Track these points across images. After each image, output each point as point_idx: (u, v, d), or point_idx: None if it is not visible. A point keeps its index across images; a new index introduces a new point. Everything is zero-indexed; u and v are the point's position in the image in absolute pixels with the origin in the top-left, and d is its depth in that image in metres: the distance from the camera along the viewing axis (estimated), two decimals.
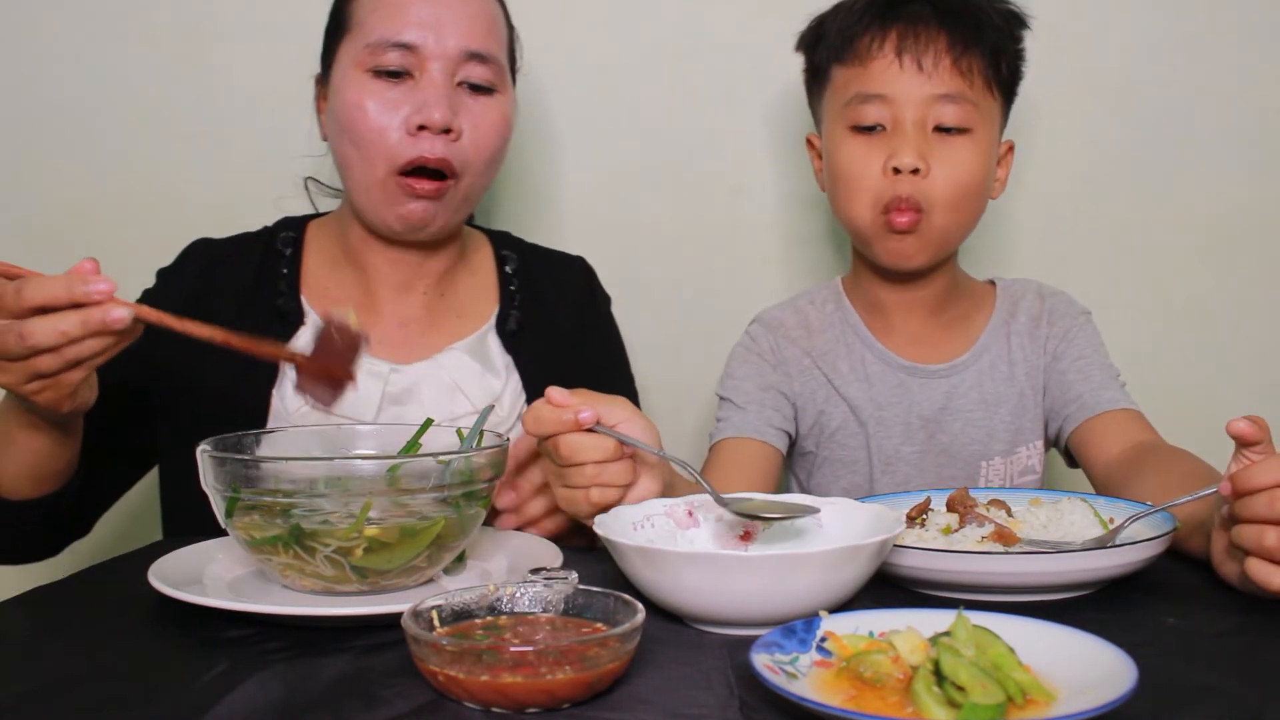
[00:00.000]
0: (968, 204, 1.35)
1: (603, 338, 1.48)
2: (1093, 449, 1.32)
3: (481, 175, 1.31)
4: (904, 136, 1.32)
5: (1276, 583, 0.88)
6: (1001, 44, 1.35)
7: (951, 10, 1.33)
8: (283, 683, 0.77)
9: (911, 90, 1.32)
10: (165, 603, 0.90)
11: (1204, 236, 1.69)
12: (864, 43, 1.34)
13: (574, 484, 1.01)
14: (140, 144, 1.66)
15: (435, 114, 1.24)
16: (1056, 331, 1.41)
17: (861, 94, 1.34)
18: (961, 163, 1.33)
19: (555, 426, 1.00)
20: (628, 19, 1.66)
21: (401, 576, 0.93)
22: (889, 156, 1.32)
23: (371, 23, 1.28)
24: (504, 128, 1.32)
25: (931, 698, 0.66)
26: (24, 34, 1.65)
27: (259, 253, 1.38)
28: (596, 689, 0.73)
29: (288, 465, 0.94)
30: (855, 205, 1.35)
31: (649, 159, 1.68)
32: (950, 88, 1.32)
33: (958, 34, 1.32)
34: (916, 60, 1.32)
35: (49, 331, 0.91)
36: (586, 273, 1.50)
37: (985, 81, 1.34)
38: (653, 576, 0.85)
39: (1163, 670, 0.76)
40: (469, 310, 1.39)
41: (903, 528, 0.94)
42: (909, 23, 1.33)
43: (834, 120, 1.38)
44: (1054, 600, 0.94)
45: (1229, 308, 1.70)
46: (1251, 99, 1.67)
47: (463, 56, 1.27)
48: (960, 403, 1.39)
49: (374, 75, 1.26)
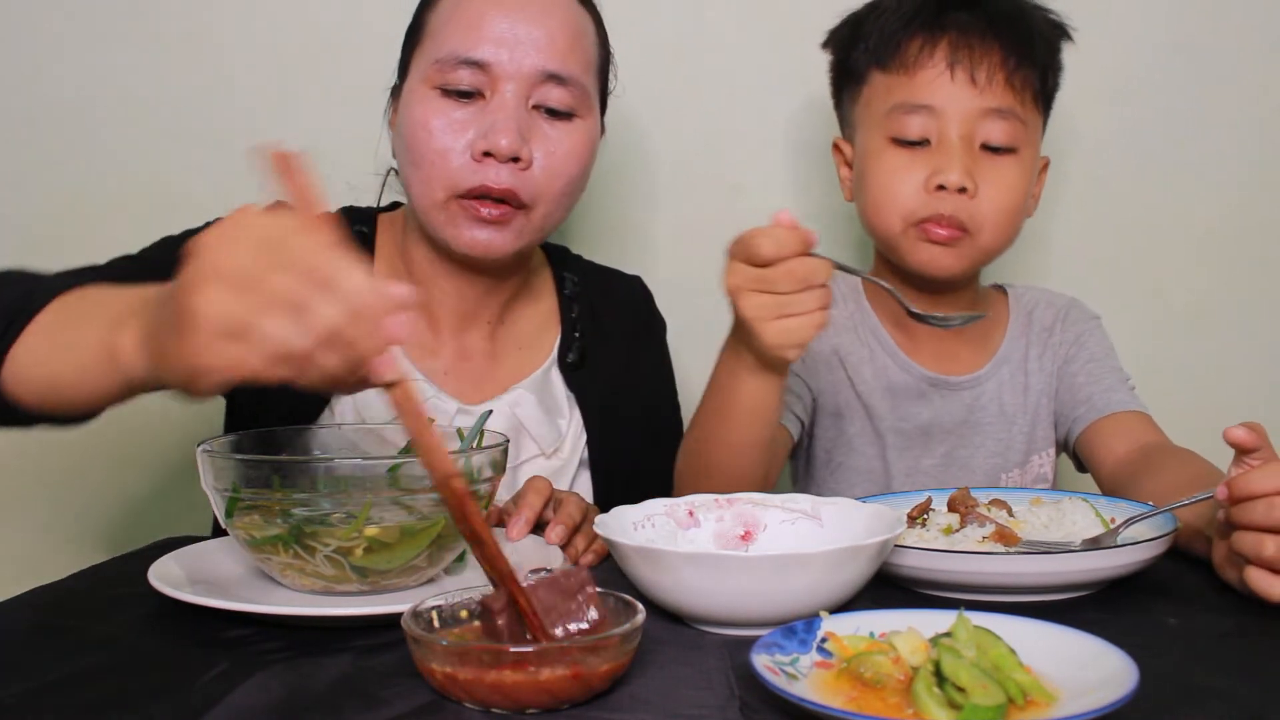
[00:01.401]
0: (1012, 226, 1.30)
1: (656, 365, 1.46)
2: (1099, 450, 1.30)
3: (558, 206, 1.24)
4: (950, 153, 1.25)
5: (1277, 593, 0.88)
6: (1050, 57, 1.31)
7: (1005, 21, 1.27)
8: (282, 683, 0.77)
9: (961, 103, 1.25)
10: (165, 603, 0.90)
11: (1204, 237, 1.69)
12: (912, 49, 1.27)
13: (802, 309, 1.00)
14: (140, 144, 1.66)
15: (502, 140, 1.16)
16: (1069, 337, 1.39)
17: (906, 104, 1.27)
18: (1008, 184, 1.27)
19: (794, 247, 1.00)
20: (627, 19, 1.66)
21: (402, 576, 0.93)
22: (933, 173, 1.25)
23: (444, 35, 1.21)
24: (582, 156, 1.24)
25: (932, 699, 0.66)
26: (24, 34, 1.65)
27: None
28: (596, 689, 0.73)
29: (288, 465, 0.94)
30: (888, 217, 1.29)
31: (649, 159, 1.68)
32: (1002, 102, 1.26)
33: (1012, 47, 1.26)
34: (970, 73, 1.25)
35: (337, 319, 0.69)
36: (644, 294, 1.48)
37: (1034, 97, 1.29)
38: (653, 576, 0.85)
39: (1164, 671, 0.76)
40: (530, 341, 1.35)
41: (903, 528, 0.94)
42: (961, 32, 1.26)
43: (870, 128, 1.31)
44: (1055, 601, 0.94)
45: (1229, 309, 1.69)
46: (1252, 99, 1.67)
47: (539, 77, 1.19)
48: (980, 415, 1.36)
49: (442, 94, 1.19)
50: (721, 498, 1.02)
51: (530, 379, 1.32)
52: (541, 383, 1.33)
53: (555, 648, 0.72)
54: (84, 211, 1.66)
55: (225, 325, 0.69)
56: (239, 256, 0.70)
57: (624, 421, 1.37)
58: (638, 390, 1.40)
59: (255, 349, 0.70)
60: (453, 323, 1.31)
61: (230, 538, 0.96)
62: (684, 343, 1.65)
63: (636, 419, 1.39)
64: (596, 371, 1.36)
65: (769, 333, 1.01)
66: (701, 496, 1.02)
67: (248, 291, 0.69)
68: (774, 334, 1.01)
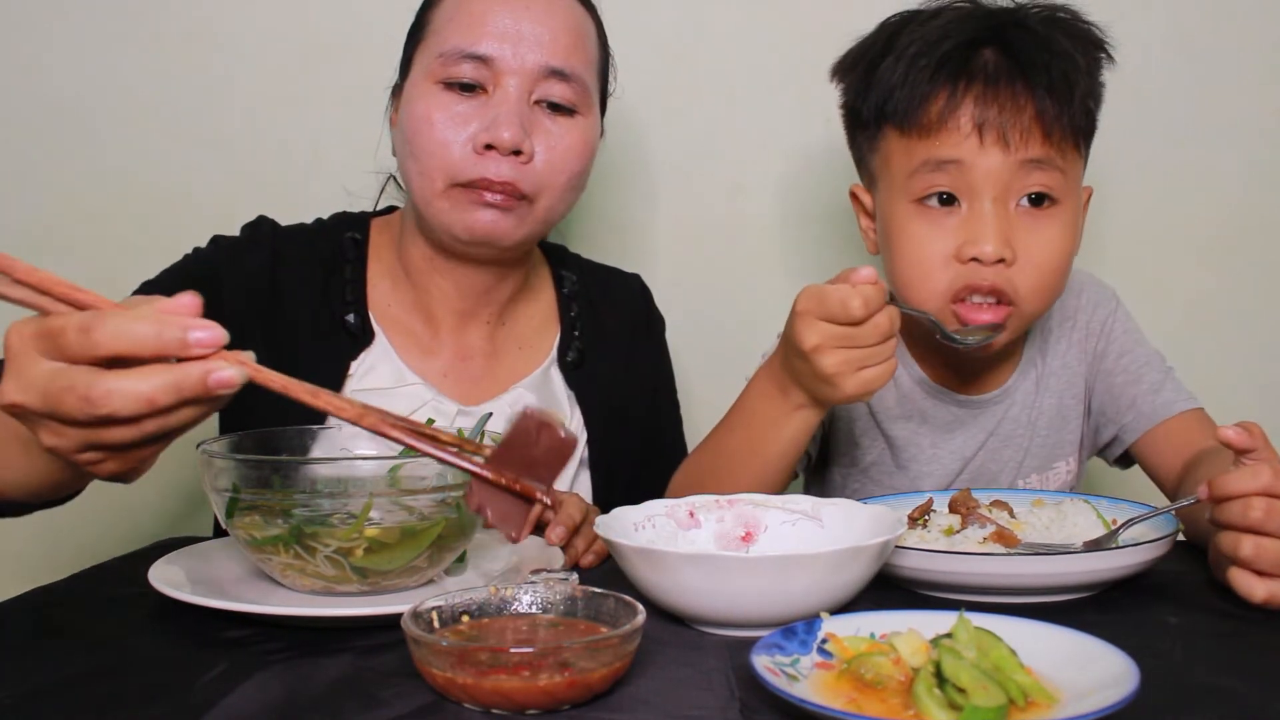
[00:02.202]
0: (1058, 283, 1.19)
1: (655, 364, 1.46)
2: (1160, 467, 1.24)
3: (560, 199, 1.23)
4: (983, 219, 1.13)
5: (1258, 594, 0.89)
6: (1090, 89, 1.17)
7: (1041, 60, 1.13)
8: (282, 683, 0.77)
9: (993, 165, 1.13)
10: (165, 603, 0.90)
11: (1204, 238, 1.69)
12: (933, 109, 1.13)
13: (882, 359, 1.02)
14: (140, 145, 1.66)
15: (505, 133, 1.16)
16: (1094, 327, 1.31)
17: (932, 162, 1.14)
18: (1051, 242, 1.15)
19: (880, 302, 1.00)
20: (628, 19, 1.66)
21: (402, 577, 0.93)
22: (966, 241, 1.13)
23: (448, 31, 1.21)
24: (583, 151, 1.23)
25: (933, 700, 0.66)
26: (24, 34, 1.65)
27: (326, 250, 1.31)
28: (597, 690, 0.72)
29: (289, 465, 0.94)
30: (923, 291, 1.17)
31: (649, 159, 1.68)
32: (1040, 154, 1.13)
33: (1048, 97, 1.12)
34: (1001, 134, 1.12)
35: (129, 398, 0.67)
36: (643, 292, 1.48)
37: (1074, 143, 1.16)
38: (653, 577, 0.85)
39: (1164, 671, 0.76)
40: (530, 341, 1.35)
41: (904, 529, 0.94)
42: (989, 83, 1.12)
43: (893, 191, 1.19)
44: (1056, 602, 0.94)
45: (1230, 309, 1.69)
46: (1252, 99, 1.67)
47: (542, 73, 1.20)
48: (1009, 427, 1.30)
49: (445, 87, 1.19)
50: (722, 499, 1.02)
51: (530, 378, 1.32)
52: (541, 382, 1.33)
53: (556, 649, 0.72)
54: (84, 211, 1.66)
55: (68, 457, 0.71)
56: (18, 360, 0.69)
57: (624, 420, 1.37)
58: (637, 388, 1.40)
59: (63, 435, 0.70)
60: (452, 322, 1.31)
61: (230, 538, 0.96)
62: (684, 342, 1.65)
63: (637, 418, 1.39)
64: (596, 370, 1.36)
65: (850, 385, 1.02)
66: (702, 497, 1.02)
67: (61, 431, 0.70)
68: (855, 386, 1.02)
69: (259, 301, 1.24)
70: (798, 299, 1.03)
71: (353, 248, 1.32)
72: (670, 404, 1.48)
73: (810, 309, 1.01)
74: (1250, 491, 0.89)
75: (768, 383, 1.12)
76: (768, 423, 1.12)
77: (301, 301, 1.26)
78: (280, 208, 1.46)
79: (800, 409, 1.09)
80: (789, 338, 1.05)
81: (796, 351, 1.03)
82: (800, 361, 1.04)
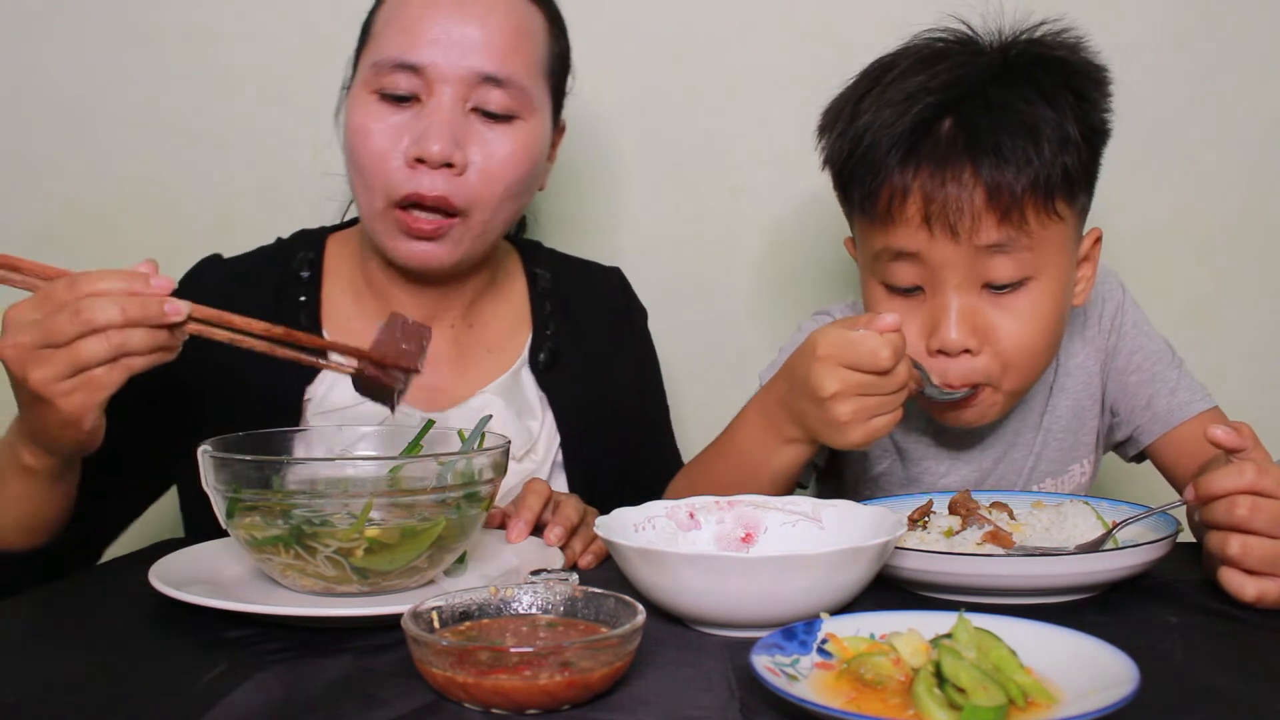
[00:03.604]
0: (1045, 354, 1.15)
1: (637, 356, 1.42)
2: (1176, 470, 1.23)
3: (496, 211, 1.20)
4: (945, 309, 1.09)
5: (1248, 593, 0.89)
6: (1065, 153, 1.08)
7: (988, 138, 1.06)
8: (282, 683, 0.77)
9: (947, 255, 1.08)
10: (165, 603, 0.90)
11: (1204, 238, 1.69)
12: (884, 199, 1.09)
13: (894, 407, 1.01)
14: (140, 145, 1.66)
15: (434, 146, 1.14)
16: (1105, 323, 1.27)
17: (890, 250, 1.11)
18: (1026, 322, 1.10)
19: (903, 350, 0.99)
20: (628, 19, 1.66)
21: (402, 577, 0.92)
22: (930, 332, 1.11)
23: (383, 38, 1.19)
24: (522, 159, 1.20)
25: (933, 700, 0.66)
26: (24, 34, 1.65)
27: (276, 275, 1.29)
28: (596, 691, 0.72)
29: (289, 465, 0.94)
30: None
31: (649, 159, 1.68)
32: (998, 239, 1.07)
33: (999, 176, 1.06)
34: (948, 225, 1.06)
35: (106, 306, 0.88)
36: (622, 286, 1.45)
37: (1045, 211, 1.08)
38: (654, 578, 0.85)
39: (1164, 671, 0.76)
40: (500, 343, 1.33)
41: (904, 530, 0.94)
42: (935, 165, 1.07)
43: (865, 269, 1.18)
44: (1056, 603, 0.94)
45: (1229, 309, 1.69)
46: (1251, 99, 1.67)
47: (475, 79, 1.17)
48: (1021, 437, 1.27)
49: (380, 98, 1.18)
50: (722, 500, 1.02)
51: (498, 382, 1.29)
52: (510, 385, 1.30)
53: (556, 649, 0.72)
54: (84, 211, 1.66)
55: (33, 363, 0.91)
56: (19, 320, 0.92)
57: (604, 418, 1.33)
58: (619, 384, 1.37)
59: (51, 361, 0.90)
60: None
61: (230, 538, 0.96)
62: (682, 342, 1.66)
63: (619, 414, 1.36)
64: (570, 370, 1.33)
65: (858, 434, 1.01)
66: (702, 499, 1.02)
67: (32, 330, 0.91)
68: (863, 435, 1.02)
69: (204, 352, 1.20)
70: (818, 342, 1.00)
71: (305, 265, 1.30)
72: (656, 396, 1.45)
73: (834, 355, 0.99)
74: (1235, 490, 0.89)
75: (761, 416, 1.11)
76: (760, 453, 1.11)
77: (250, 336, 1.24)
78: (280, 207, 1.47)
79: (794, 444, 1.09)
80: (803, 381, 1.01)
81: (810, 396, 1.01)
82: (811, 405, 1.02)
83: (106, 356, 0.90)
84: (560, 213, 1.67)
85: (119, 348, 0.90)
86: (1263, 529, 0.88)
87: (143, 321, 0.90)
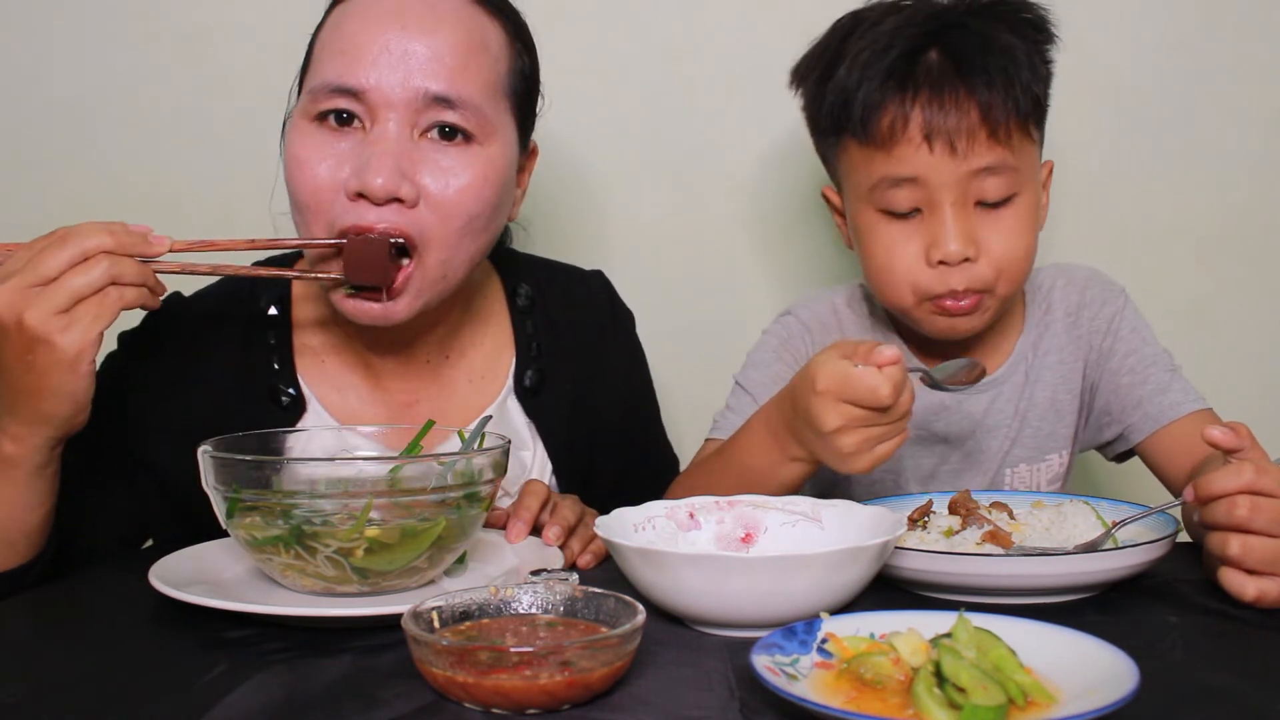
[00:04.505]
0: (1026, 266, 1.23)
1: (625, 361, 1.38)
2: (1167, 467, 1.25)
3: (458, 250, 1.09)
4: (943, 222, 1.17)
5: (1248, 592, 0.90)
6: (1033, 74, 1.20)
7: (976, 61, 1.17)
8: (282, 683, 0.77)
9: (946, 172, 1.16)
10: (165, 603, 0.90)
11: (1204, 237, 1.69)
12: (885, 123, 1.17)
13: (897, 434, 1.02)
14: (139, 145, 1.66)
15: (376, 179, 1.03)
16: (1099, 325, 1.31)
17: (890, 178, 1.18)
18: (1012, 233, 1.20)
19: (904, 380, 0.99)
20: (627, 19, 1.66)
21: (402, 577, 0.93)
22: (930, 245, 1.18)
23: (321, 61, 1.10)
24: (481, 189, 1.08)
25: (932, 699, 0.66)
26: (24, 34, 1.65)
27: (244, 314, 1.20)
28: (596, 690, 0.73)
29: (289, 466, 0.94)
30: (895, 293, 1.23)
31: (649, 159, 1.68)
32: (989, 160, 1.17)
33: (988, 94, 1.16)
34: (948, 142, 1.15)
35: (95, 230, 0.92)
36: (605, 290, 1.39)
37: (1023, 132, 1.19)
38: (654, 578, 0.85)
39: (1164, 671, 0.76)
40: (482, 372, 1.26)
41: (904, 529, 0.94)
42: (932, 90, 1.16)
43: (859, 199, 1.23)
44: (1055, 603, 0.94)
45: (1229, 309, 1.69)
46: (1252, 99, 1.67)
47: (424, 102, 1.06)
48: (996, 418, 1.31)
49: (318, 124, 1.08)
50: (722, 500, 1.02)
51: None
52: (497, 416, 1.23)
53: (556, 649, 0.72)
54: (84, 211, 1.65)
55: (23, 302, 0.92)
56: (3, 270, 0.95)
57: (593, 432, 1.30)
58: (608, 393, 1.33)
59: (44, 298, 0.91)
60: (391, 367, 1.22)
61: (230, 538, 0.96)
62: (677, 343, 1.66)
63: (608, 425, 1.33)
64: (557, 390, 1.27)
65: (864, 462, 1.02)
66: (702, 499, 1.02)
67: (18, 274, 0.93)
68: (869, 462, 1.02)
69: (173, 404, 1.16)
70: (816, 376, 1.00)
71: (273, 302, 1.21)
72: (647, 398, 1.41)
73: (833, 390, 0.99)
74: (1234, 490, 0.90)
75: (768, 434, 1.11)
76: (765, 468, 1.11)
77: (220, 387, 1.16)
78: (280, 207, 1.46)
79: (798, 462, 1.09)
80: (805, 413, 1.02)
81: (814, 430, 1.01)
82: (814, 436, 1.02)
83: (101, 282, 0.92)
84: (558, 213, 1.67)
85: (110, 274, 0.92)
86: (1263, 529, 0.89)
87: (129, 249, 0.94)
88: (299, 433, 1.08)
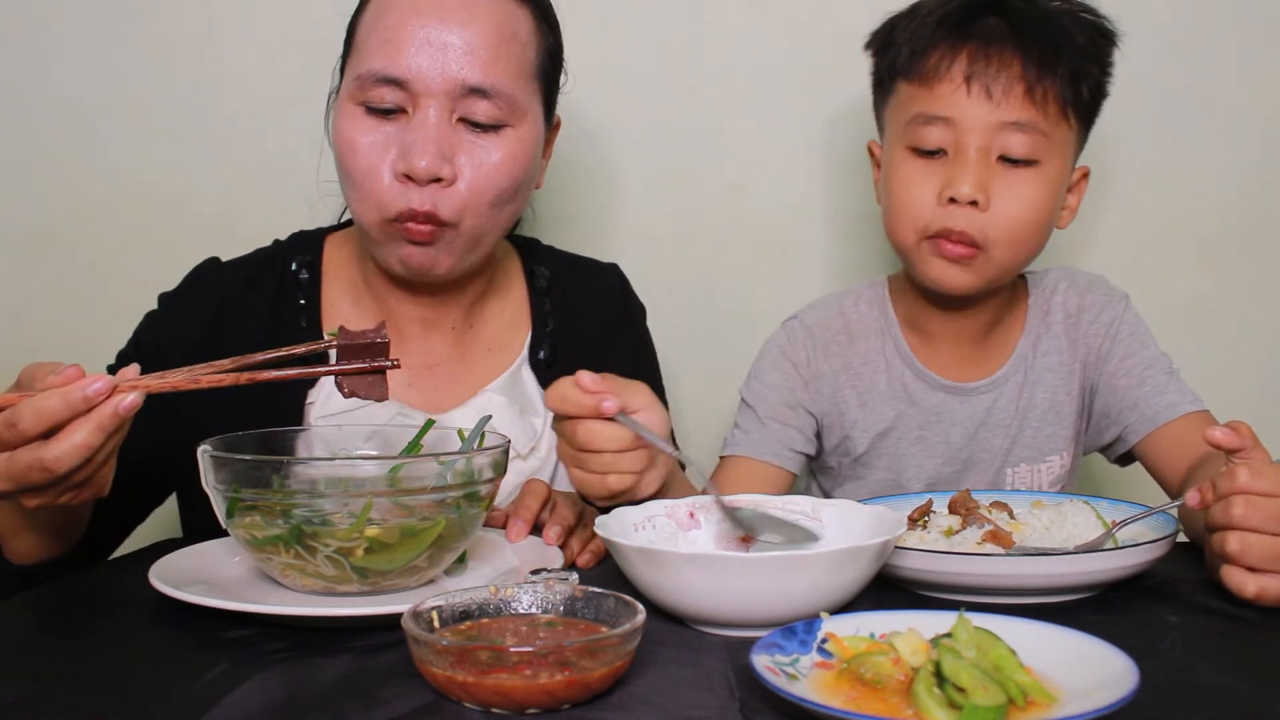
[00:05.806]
0: (1030, 239, 1.26)
1: (635, 352, 1.42)
2: (1163, 467, 1.26)
3: (487, 218, 1.20)
4: (964, 165, 1.23)
5: (1249, 589, 0.90)
6: (1083, 67, 1.25)
7: (1030, 29, 1.23)
8: (282, 683, 0.77)
9: (978, 117, 1.23)
10: (165, 603, 0.90)
11: (1204, 237, 1.69)
12: (932, 61, 1.25)
13: (590, 469, 1.00)
14: (140, 146, 1.66)
15: (420, 162, 1.13)
16: (1098, 328, 1.33)
17: (924, 115, 1.25)
18: (1025, 197, 1.24)
19: (577, 410, 0.98)
20: (627, 19, 1.66)
21: (402, 577, 0.93)
22: (946, 184, 1.24)
23: (366, 49, 1.18)
24: (511, 168, 1.19)
25: (932, 699, 0.66)
26: (24, 35, 1.65)
27: (274, 278, 1.30)
28: (596, 690, 0.73)
29: (289, 465, 0.94)
30: (901, 228, 1.28)
31: (649, 158, 1.68)
32: (1020, 116, 1.22)
33: (1033, 58, 1.22)
34: (985, 87, 1.22)
35: (73, 451, 0.86)
36: (620, 282, 1.45)
37: (1060, 109, 1.24)
38: (654, 577, 0.85)
39: (1164, 671, 0.77)
40: (500, 342, 1.33)
41: (904, 529, 0.94)
42: (982, 42, 1.23)
43: (894, 137, 1.30)
44: (1055, 602, 0.94)
45: (1229, 309, 1.69)
46: (1252, 99, 1.67)
47: (460, 91, 1.16)
48: (999, 417, 1.34)
49: (366, 111, 1.17)
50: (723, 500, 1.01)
51: (500, 380, 1.30)
52: (511, 384, 1.30)
53: (556, 649, 0.72)
54: (84, 211, 1.66)
55: None
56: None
57: None
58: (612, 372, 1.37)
59: (42, 495, 0.90)
60: (415, 330, 1.29)
61: (230, 538, 0.96)
62: (681, 342, 1.66)
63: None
64: (570, 366, 1.30)
65: (573, 477, 1.02)
66: (702, 498, 1.02)
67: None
68: (574, 480, 1.02)
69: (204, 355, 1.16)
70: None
71: (304, 268, 1.31)
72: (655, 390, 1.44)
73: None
74: (1229, 493, 0.91)
75: None
76: None
77: (249, 340, 1.20)
78: (280, 208, 1.47)
79: None
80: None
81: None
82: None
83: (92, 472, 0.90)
84: (560, 212, 1.67)
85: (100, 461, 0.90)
86: (1259, 526, 0.90)
87: (106, 438, 0.88)
88: (299, 432, 1.08)
